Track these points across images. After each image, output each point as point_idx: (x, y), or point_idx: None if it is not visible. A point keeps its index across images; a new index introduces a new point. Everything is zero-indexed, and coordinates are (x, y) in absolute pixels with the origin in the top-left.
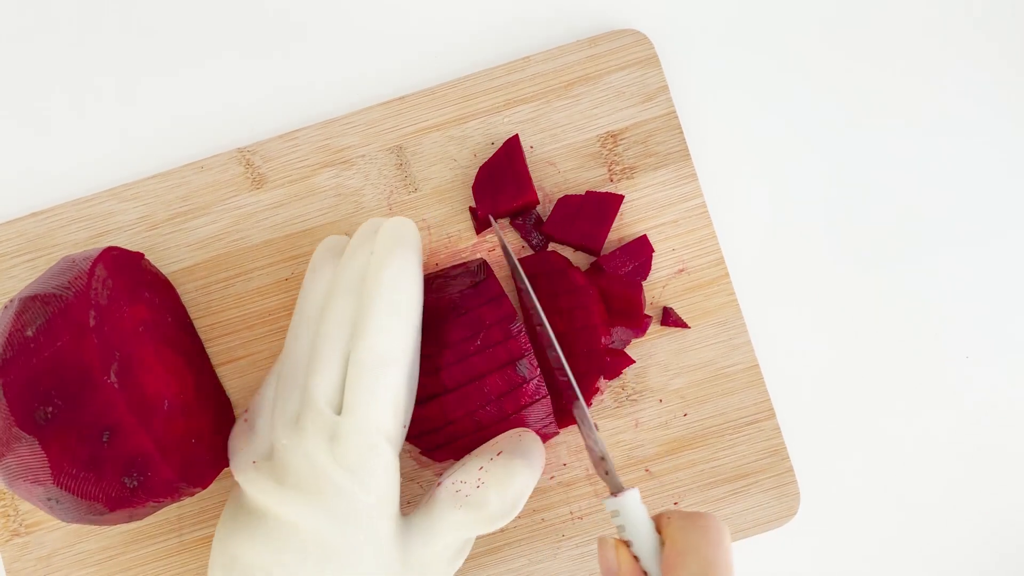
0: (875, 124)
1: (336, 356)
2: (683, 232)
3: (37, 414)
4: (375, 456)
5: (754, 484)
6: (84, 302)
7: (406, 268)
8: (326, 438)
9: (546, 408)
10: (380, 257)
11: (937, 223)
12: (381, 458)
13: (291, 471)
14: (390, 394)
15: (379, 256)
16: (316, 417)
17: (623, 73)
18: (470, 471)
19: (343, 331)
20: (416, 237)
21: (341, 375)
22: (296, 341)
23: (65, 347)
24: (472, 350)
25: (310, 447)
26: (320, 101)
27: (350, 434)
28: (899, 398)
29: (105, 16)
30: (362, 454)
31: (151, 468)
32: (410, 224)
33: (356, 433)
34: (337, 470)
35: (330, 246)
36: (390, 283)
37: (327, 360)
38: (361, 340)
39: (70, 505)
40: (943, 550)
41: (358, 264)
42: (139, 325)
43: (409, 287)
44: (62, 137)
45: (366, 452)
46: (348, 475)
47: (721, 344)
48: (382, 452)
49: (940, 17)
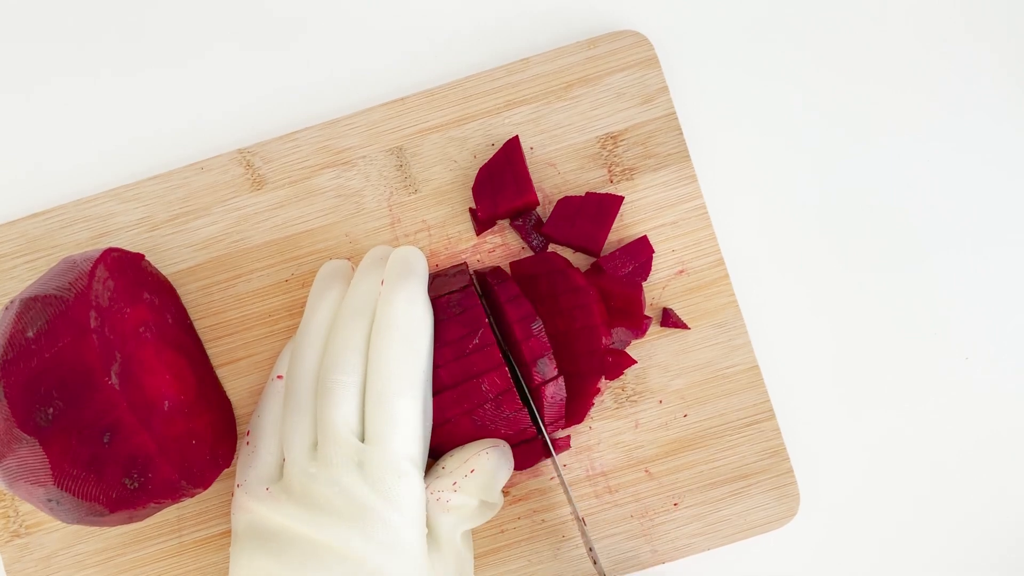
0: (875, 124)
1: (353, 383)
2: (683, 233)
3: (38, 415)
4: (405, 482)
5: (754, 485)
6: (85, 303)
7: (417, 297)
8: (354, 467)
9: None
10: (391, 286)
11: (937, 224)
12: (411, 482)
13: (318, 497)
14: (412, 421)
15: (390, 285)
16: (340, 447)
17: (623, 74)
18: (444, 480)
19: (357, 357)
20: (424, 266)
21: (359, 402)
22: (302, 363)
23: (66, 348)
24: (470, 348)
25: (339, 476)
26: (321, 102)
27: (379, 463)
28: (899, 399)
29: (105, 16)
30: (393, 481)
31: (152, 468)
32: (418, 253)
33: (384, 462)
34: (372, 496)
35: (332, 270)
36: (403, 313)
37: (344, 387)
38: (378, 371)
39: (70, 506)
40: (944, 551)
41: (367, 288)
42: (140, 326)
43: (421, 315)
44: (62, 137)
45: (397, 479)
46: (383, 501)
47: (721, 345)
48: (411, 477)
49: (940, 23)
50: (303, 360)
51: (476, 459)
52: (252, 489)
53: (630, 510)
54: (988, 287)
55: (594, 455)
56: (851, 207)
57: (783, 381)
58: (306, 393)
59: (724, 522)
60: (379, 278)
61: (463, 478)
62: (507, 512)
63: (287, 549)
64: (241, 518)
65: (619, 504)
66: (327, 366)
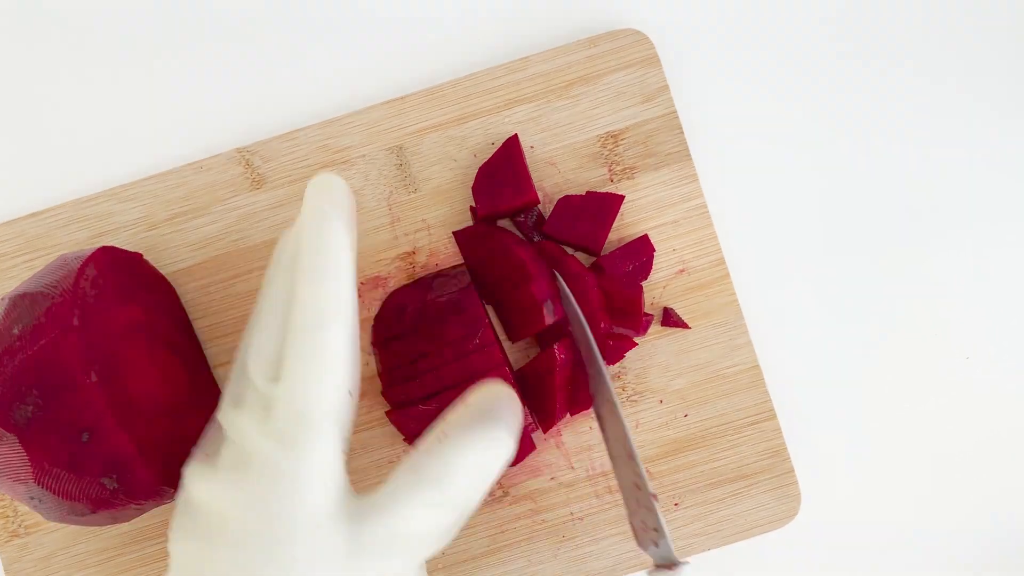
0: (876, 124)
1: (272, 328)
2: (684, 232)
3: (17, 412)
4: (306, 425)
5: (755, 485)
6: (70, 301)
7: (325, 226)
8: (260, 410)
9: None
10: (303, 220)
11: (937, 224)
12: (313, 426)
13: (223, 454)
14: (325, 357)
15: (302, 219)
16: (252, 392)
17: (623, 73)
18: (426, 490)
19: (279, 306)
20: (344, 192)
21: (278, 346)
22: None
23: (47, 346)
24: (471, 348)
25: (243, 422)
26: (320, 101)
27: (280, 402)
28: (900, 399)
29: (104, 16)
30: (291, 422)
31: (130, 470)
32: (337, 179)
33: (287, 401)
34: (263, 441)
35: None
36: (312, 245)
37: (261, 330)
38: (291, 307)
39: (52, 504)
40: (944, 550)
41: (292, 236)
42: (130, 325)
43: (334, 243)
44: (62, 137)
45: (295, 420)
46: (275, 445)
47: (722, 345)
48: (314, 420)
49: (943, 18)
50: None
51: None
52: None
53: None
54: (988, 287)
55: (594, 455)
56: (852, 207)
57: (784, 381)
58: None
59: (725, 522)
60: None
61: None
62: (507, 512)
63: (192, 518)
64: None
65: (619, 504)
66: (252, 319)
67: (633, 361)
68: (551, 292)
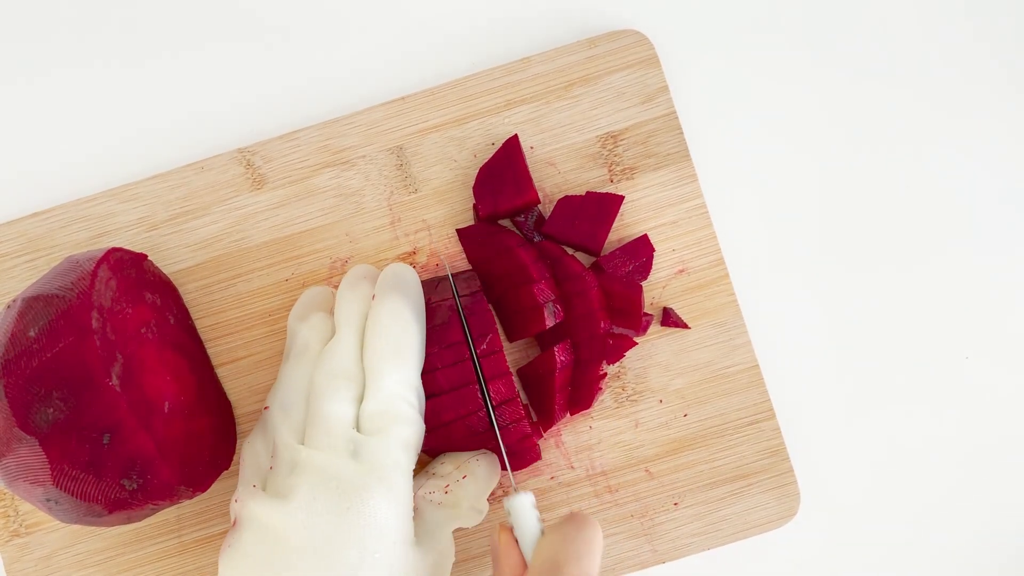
0: (876, 124)
1: (347, 387)
2: (683, 232)
3: (38, 415)
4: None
5: (754, 485)
6: (87, 304)
7: (406, 307)
8: (348, 455)
9: None
10: (382, 295)
11: (937, 224)
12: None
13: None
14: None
15: (381, 295)
16: (332, 437)
17: (623, 74)
18: (436, 482)
19: (353, 365)
20: (415, 281)
21: (355, 408)
22: (291, 376)
23: (67, 348)
24: (479, 353)
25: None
26: (321, 101)
27: (375, 450)
28: (899, 398)
29: (105, 16)
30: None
31: (151, 470)
32: (410, 269)
33: (383, 448)
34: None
35: (312, 296)
36: (394, 319)
37: (339, 389)
38: (372, 367)
39: (69, 506)
40: (944, 551)
41: (355, 297)
42: (141, 327)
43: (411, 321)
44: (62, 137)
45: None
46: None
47: (721, 344)
48: (400, 463)
49: (941, 23)
50: (291, 374)
51: (468, 466)
52: (243, 492)
53: (630, 510)
54: (988, 287)
55: (594, 455)
56: (851, 207)
57: (783, 381)
58: (296, 395)
59: (724, 522)
60: (366, 291)
61: (455, 483)
62: None
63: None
64: (234, 511)
65: (619, 504)
66: (326, 371)
67: (633, 361)
68: (552, 295)
